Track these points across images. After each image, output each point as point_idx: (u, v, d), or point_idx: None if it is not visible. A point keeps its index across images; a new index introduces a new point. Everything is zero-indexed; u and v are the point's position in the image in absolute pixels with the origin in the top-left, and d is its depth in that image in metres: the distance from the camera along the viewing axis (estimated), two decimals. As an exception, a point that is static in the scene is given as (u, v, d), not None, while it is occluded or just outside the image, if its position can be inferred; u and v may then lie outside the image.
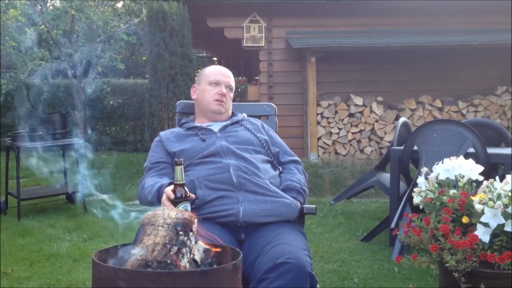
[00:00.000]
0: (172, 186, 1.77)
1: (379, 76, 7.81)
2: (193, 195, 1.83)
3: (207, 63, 14.70)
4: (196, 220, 1.45)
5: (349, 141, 7.44)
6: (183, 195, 1.74)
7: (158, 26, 7.13)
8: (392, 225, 3.59)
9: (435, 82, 7.80)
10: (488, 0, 7.37)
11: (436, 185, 2.04)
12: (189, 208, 1.75)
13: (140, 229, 1.42)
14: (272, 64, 7.84)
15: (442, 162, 2.08)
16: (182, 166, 1.75)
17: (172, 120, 6.93)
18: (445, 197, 1.95)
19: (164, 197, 1.80)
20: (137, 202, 2.11)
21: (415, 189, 2.10)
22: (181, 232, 1.38)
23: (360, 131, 7.46)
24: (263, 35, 7.77)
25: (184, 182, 1.75)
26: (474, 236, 1.81)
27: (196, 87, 2.38)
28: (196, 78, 2.54)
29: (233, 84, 2.37)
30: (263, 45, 7.78)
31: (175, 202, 1.74)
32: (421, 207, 2.07)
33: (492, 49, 7.31)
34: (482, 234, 1.82)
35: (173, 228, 1.38)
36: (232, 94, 2.38)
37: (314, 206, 2.15)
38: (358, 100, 7.43)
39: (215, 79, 2.32)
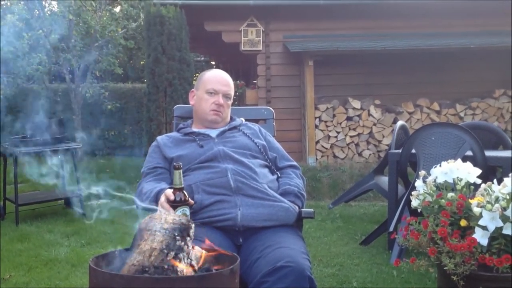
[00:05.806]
0: (171, 190, 1.76)
1: (377, 79, 7.81)
2: (192, 201, 1.82)
3: (205, 67, 14.70)
4: (193, 225, 1.45)
5: (347, 144, 7.43)
6: (182, 199, 1.72)
7: (155, 30, 7.13)
8: (391, 229, 3.59)
9: (433, 85, 7.80)
10: (487, 0, 7.37)
11: (434, 188, 2.03)
12: (187, 213, 1.73)
13: (137, 234, 1.42)
14: (270, 68, 7.84)
15: (440, 165, 2.07)
16: (181, 171, 1.74)
17: (170, 125, 6.92)
18: (443, 200, 1.95)
19: (162, 198, 1.77)
20: (135, 207, 2.10)
21: (413, 192, 2.09)
22: (178, 237, 1.38)
23: (358, 135, 7.45)
24: (261, 39, 7.77)
25: (183, 186, 1.73)
26: (472, 239, 1.80)
27: (194, 92, 2.36)
28: (194, 82, 2.53)
29: (231, 92, 2.33)
30: (260, 49, 7.79)
31: (174, 206, 1.73)
32: (419, 210, 2.06)
33: (489, 52, 7.32)
34: (481, 237, 1.81)
35: (170, 233, 1.38)
36: (230, 102, 2.34)
37: (312, 210, 2.15)
38: (356, 104, 7.43)
39: (212, 88, 2.27)
